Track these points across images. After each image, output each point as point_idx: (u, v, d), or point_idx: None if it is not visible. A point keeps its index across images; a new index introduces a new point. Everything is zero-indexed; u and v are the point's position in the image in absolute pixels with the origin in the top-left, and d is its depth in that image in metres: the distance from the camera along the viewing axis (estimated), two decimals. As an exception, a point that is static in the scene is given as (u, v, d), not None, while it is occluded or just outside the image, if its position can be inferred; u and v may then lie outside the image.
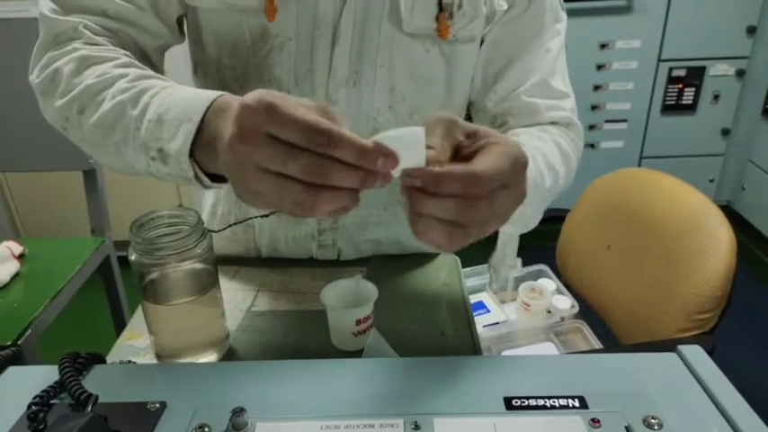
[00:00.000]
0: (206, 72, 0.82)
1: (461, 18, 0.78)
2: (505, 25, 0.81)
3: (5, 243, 1.43)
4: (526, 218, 0.71)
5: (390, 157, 0.47)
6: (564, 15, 0.85)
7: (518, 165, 0.53)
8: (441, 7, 0.76)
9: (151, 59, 0.78)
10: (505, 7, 0.80)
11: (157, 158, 0.59)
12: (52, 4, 0.70)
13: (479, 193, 0.49)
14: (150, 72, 0.67)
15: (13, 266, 1.40)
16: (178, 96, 0.59)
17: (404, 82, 0.81)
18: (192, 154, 0.57)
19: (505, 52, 0.83)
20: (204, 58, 0.80)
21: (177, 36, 0.80)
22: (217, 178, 0.59)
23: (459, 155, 0.54)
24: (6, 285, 1.35)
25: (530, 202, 0.62)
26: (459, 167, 0.49)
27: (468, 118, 0.89)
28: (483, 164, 0.50)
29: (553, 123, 0.83)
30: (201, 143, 0.56)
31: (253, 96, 0.47)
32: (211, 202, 1.00)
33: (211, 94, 0.57)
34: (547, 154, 0.72)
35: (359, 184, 0.47)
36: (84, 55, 0.67)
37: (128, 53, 0.70)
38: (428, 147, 0.51)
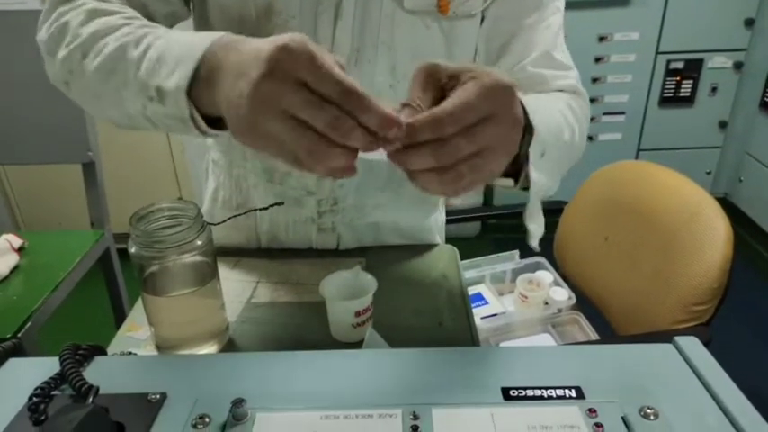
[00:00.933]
0: None
1: None
2: (505, 2, 0.82)
3: (5, 236, 1.43)
4: (550, 174, 0.68)
5: (401, 128, 0.48)
6: None
7: (497, 92, 0.51)
8: None
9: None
10: None
11: (155, 98, 0.58)
12: None
13: (450, 132, 0.49)
14: (154, 23, 0.66)
15: (13, 259, 1.40)
16: (181, 37, 0.59)
17: (405, 60, 0.82)
18: (190, 96, 0.56)
19: (506, 28, 0.83)
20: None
21: (184, 8, 0.80)
22: (213, 125, 0.58)
23: (445, 98, 0.52)
24: (6, 278, 1.36)
25: (553, 153, 0.63)
26: (423, 114, 0.49)
27: None
28: (448, 103, 0.49)
29: (560, 91, 0.83)
30: (201, 77, 0.55)
31: (293, 39, 0.47)
32: (213, 187, 1.00)
33: (211, 34, 0.56)
34: (561, 109, 0.72)
35: (370, 148, 0.48)
36: (92, 8, 0.66)
37: (137, 14, 0.69)
38: (407, 105, 0.51)
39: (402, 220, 1.01)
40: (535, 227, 0.70)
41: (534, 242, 0.71)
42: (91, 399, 0.55)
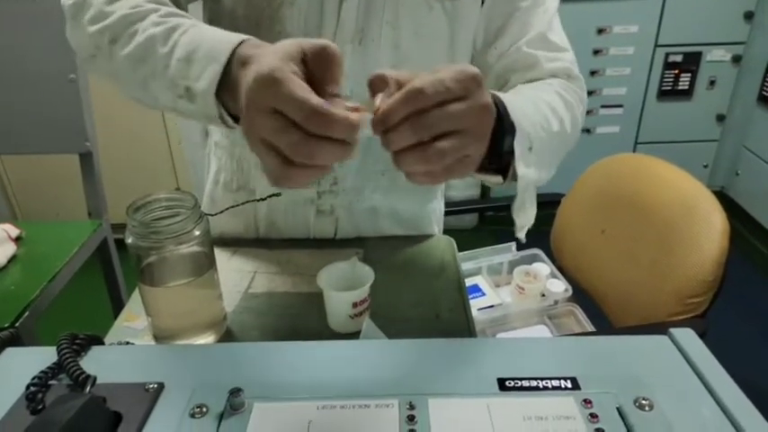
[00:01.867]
0: (221, 26, 0.83)
1: None
2: None
3: (2, 226, 1.43)
4: (541, 165, 0.70)
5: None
6: None
7: (465, 76, 0.52)
8: None
9: (181, 6, 0.79)
10: None
11: (185, 96, 0.61)
12: None
13: (425, 103, 0.50)
14: (180, 11, 0.69)
15: (10, 249, 1.40)
16: (206, 36, 0.61)
17: (408, 40, 0.83)
18: (217, 94, 0.59)
19: (504, 10, 0.85)
20: (219, 8, 0.82)
21: None
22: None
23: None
24: (3, 268, 1.35)
25: (539, 144, 0.66)
26: (397, 95, 0.51)
27: None
28: (422, 80, 0.51)
29: (554, 77, 0.84)
30: (226, 86, 0.58)
31: (262, 70, 0.49)
32: (215, 169, 1.02)
33: (236, 38, 0.58)
34: (549, 101, 0.74)
35: (338, 160, 0.51)
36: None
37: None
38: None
39: (400, 206, 1.01)
40: (524, 219, 0.71)
41: (521, 234, 0.73)
42: (88, 388, 0.56)
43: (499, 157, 0.63)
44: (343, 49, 0.81)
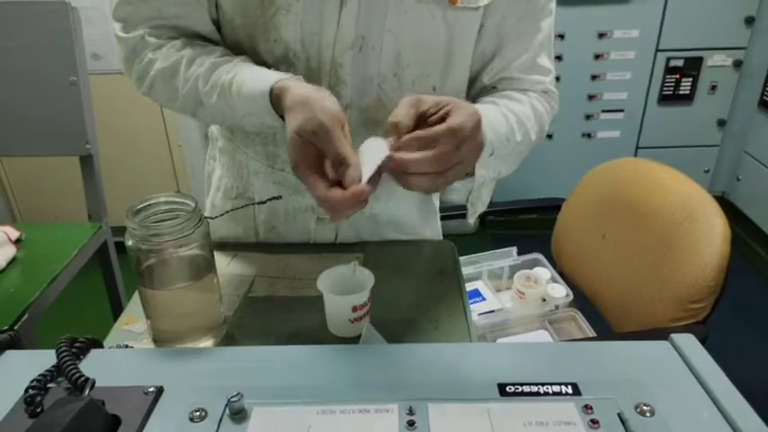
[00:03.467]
0: (223, 34, 0.86)
1: None
2: (508, 7, 0.84)
3: (2, 228, 1.43)
4: (499, 165, 0.82)
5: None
6: None
7: (475, 122, 0.67)
8: None
9: (205, 36, 0.86)
10: None
11: (270, 129, 0.80)
12: (120, 24, 0.83)
13: (456, 143, 0.65)
14: (207, 61, 0.79)
15: (10, 251, 1.39)
16: (248, 95, 0.75)
17: (408, 48, 0.82)
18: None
19: (502, 31, 0.87)
20: (223, 18, 0.84)
21: (214, 11, 0.86)
22: None
23: (425, 123, 0.67)
24: (3, 270, 1.35)
25: (502, 151, 0.79)
26: (438, 126, 0.65)
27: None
28: (456, 120, 0.66)
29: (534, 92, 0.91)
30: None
31: (314, 121, 0.64)
32: (218, 174, 1.01)
33: (264, 94, 0.73)
34: (519, 114, 0.83)
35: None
36: (160, 68, 0.81)
37: (185, 40, 0.83)
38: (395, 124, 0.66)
39: (400, 212, 1.01)
40: (478, 206, 0.87)
41: (471, 219, 0.89)
42: (87, 391, 0.55)
43: None
44: (342, 55, 0.81)
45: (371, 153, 0.66)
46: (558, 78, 0.95)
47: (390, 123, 0.66)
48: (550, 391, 0.57)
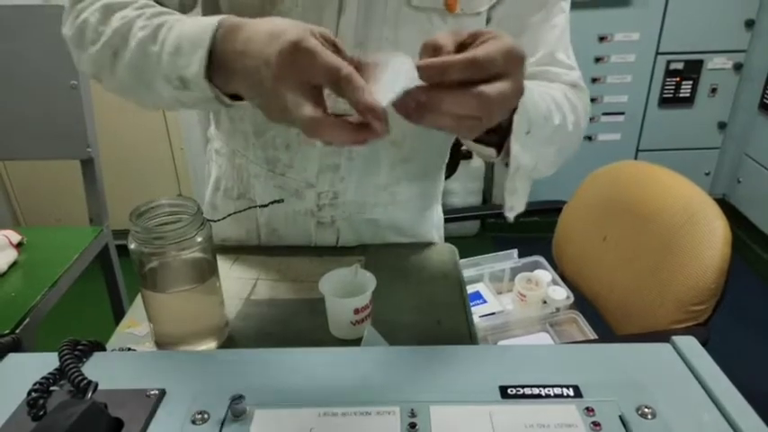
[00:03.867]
0: None
1: None
2: (512, 2, 0.82)
3: (3, 232, 1.43)
4: (537, 149, 0.72)
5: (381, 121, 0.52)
6: None
7: (513, 55, 0.55)
8: None
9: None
10: None
11: (180, 86, 0.63)
12: None
13: (480, 76, 0.53)
14: (164, 9, 0.70)
15: (11, 255, 1.40)
16: (188, 25, 0.63)
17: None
18: (212, 78, 0.60)
19: (511, 28, 0.83)
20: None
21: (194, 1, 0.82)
22: (236, 96, 0.63)
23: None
24: (4, 274, 1.35)
25: (539, 132, 0.68)
26: (458, 56, 0.53)
27: None
28: (481, 50, 0.54)
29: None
30: (216, 66, 0.60)
31: (286, 43, 0.53)
32: (215, 176, 1.01)
33: (214, 18, 0.60)
34: (555, 96, 0.75)
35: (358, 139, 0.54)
36: (105, 3, 0.70)
37: (147, 1, 0.73)
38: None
39: (401, 216, 1.01)
40: (515, 201, 0.72)
41: (510, 214, 0.74)
42: (90, 394, 0.55)
43: (500, 138, 0.67)
44: None
45: (394, 72, 0.54)
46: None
47: (426, 45, 0.56)
48: (552, 394, 0.57)
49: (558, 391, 0.57)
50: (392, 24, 0.79)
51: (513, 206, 0.73)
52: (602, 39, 2.61)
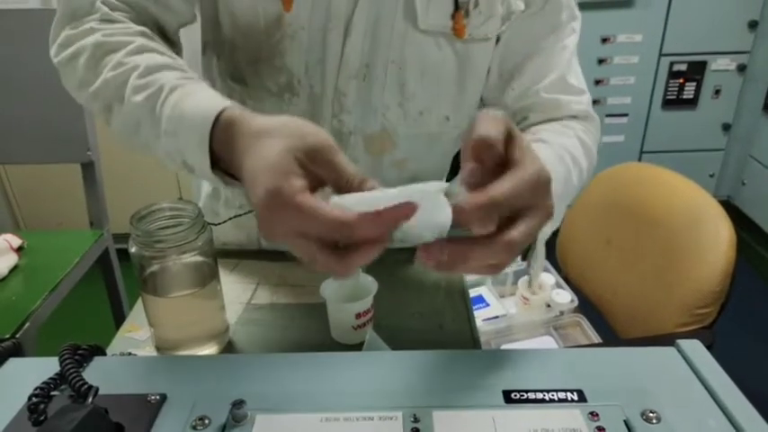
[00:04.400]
0: (219, 53, 0.82)
1: (477, 16, 0.77)
2: (521, 22, 0.80)
3: (4, 236, 1.43)
4: (557, 215, 0.69)
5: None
6: (578, 14, 0.84)
7: (540, 186, 0.51)
8: (457, 5, 0.75)
9: (170, 38, 0.77)
10: (522, 7, 0.78)
11: (186, 168, 0.60)
12: None
13: (507, 214, 0.50)
14: (161, 59, 0.65)
15: (12, 259, 1.40)
16: (186, 108, 0.58)
17: (414, 79, 0.80)
18: (216, 163, 0.57)
19: (521, 49, 0.82)
20: (218, 38, 0.80)
21: (194, 16, 0.80)
22: None
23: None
24: (5, 278, 1.36)
25: (561, 199, 0.65)
26: (486, 199, 0.48)
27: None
28: (507, 187, 0.49)
29: (572, 117, 0.83)
30: (217, 157, 0.57)
31: (262, 195, 0.47)
32: (213, 186, 1.00)
33: (212, 109, 0.56)
34: (573, 151, 0.74)
35: (373, 256, 0.49)
36: (98, 41, 0.66)
37: (145, 31, 0.69)
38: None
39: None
40: (537, 265, 0.70)
41: (535, 282, 0.70)
42: (90, 399, 0.55)
43: None
44: (347, 84, 0.79)
45: (426, 213, 0.48)
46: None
47: (478, 143, 0.50)
48: (556, 398, 0.56)
49: (562, 395, 0.57)
50: (398, 47, 0.78)
51: (537, 273, 0.70)
52: (604, 40, 2.61)
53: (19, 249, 1.45)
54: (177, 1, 0.74)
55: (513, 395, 0.57)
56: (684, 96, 2.72)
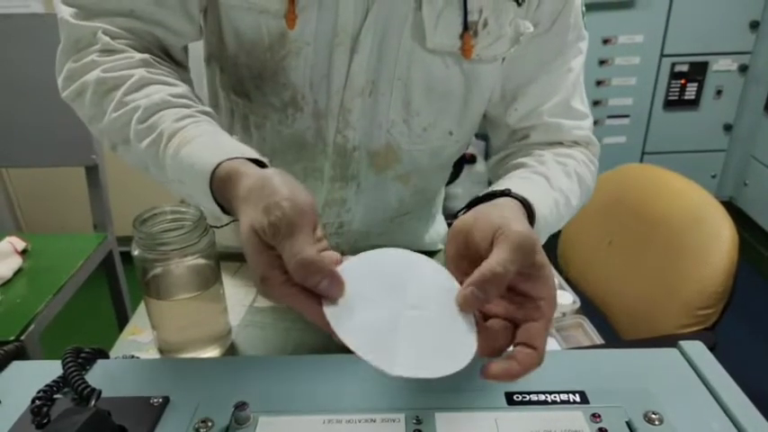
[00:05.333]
0: (222, 66, 0.81)
1: (486, 37, 0.76)
2: (528, 42, 0.79)
3: (8, 239, 1.44)
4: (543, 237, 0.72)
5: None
6: (586, 34, 0.83)
7: (527, 255, 0.51)
8: (466, 26, 0.75)
9: (174, 58, 0.77)
10: (531, 29, 0.78)
11: (195, 204, 0.63)
12: (73, 9, 0.69)
13: (496, 291, 0.50)
14: (157, 97, 0.65)
15: (16, 262, 1.40)
16: (185, 160, 0.59)
17: (420, 97, 0.79)
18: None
19: (526, 69, 0.82)
20: (222, 53, 0.79)
21: (199, 33, 0.79)
22: None
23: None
24: (9, 281, 1.36)
25: (543, 233, 0.67)
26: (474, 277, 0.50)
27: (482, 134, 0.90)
28: (491, 265, 0.50)
29: (574, 142, 0.84)
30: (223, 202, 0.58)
31: (257, 280, 0.51)
32: None
33: (208, 165, 0.57)
34: (569, 195, 0.75)
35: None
36: (99, 78, 0.67)
37: (146, 59, 0.69)
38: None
39: (405, 239, 1.00)
40: None
41: None
42: (93, 402, 0.55)
43: None
44: (352, 101, 0.78)
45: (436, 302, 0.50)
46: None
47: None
48: (558, 400, 0.56)
49: (564, 397, 0.57)
50: (405, 65, 0.77)
51: None
52: (606, 41, 2.61)
53: (23, 252, 1.45)
54: (180, 22, 0.74)
55: (515, 397, 0.57)
56: (686, 97, 2.72)
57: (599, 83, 2.68)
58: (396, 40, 0.75)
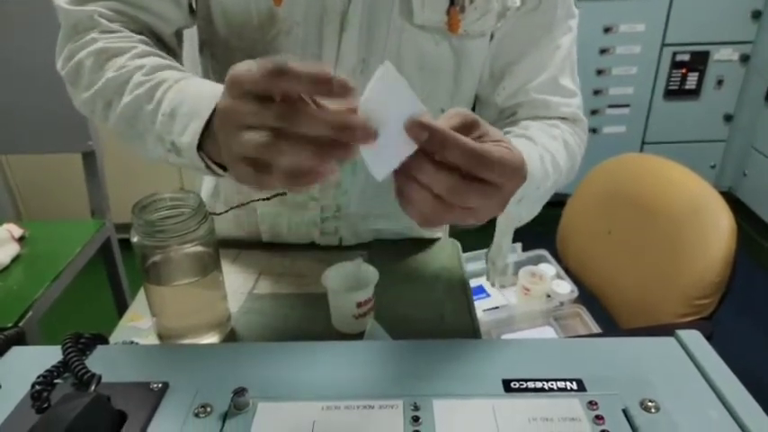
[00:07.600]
0: (214, 53, 0.82)
1: (473, 12, 0.76)
2: (516, 20, 0.80)
3: (5, 226, 1.43)
4: (522, 215, 0.72)
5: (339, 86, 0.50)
6: (576, 11, 0.83)
7: (517, 174, 0.54)
8: (452, 1, 0.75)
9: (166, 43, 0.78)
10: (518, 4, 0.78)
11: (172, 150, 0.62)
12: None
13: (476, 174, 0.50)
14: (165, 61, 0.68)
15: (13, 249, 1.40)
16: (189, 92, 0.61)
17: (412, 73, 0.80)
18: (203, 146, 0.59)
19: (515, 47, 0.82)
20: (214, 38, 0.80)
21: (189, 19, 0.80)
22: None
23: None
24: (7, 268, 1.36)
25: (531, 199, 0.66)
26: (469, 140, 0.49)
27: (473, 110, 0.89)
28: (495, 150, 0.51)
29: (561, 118, 0.83)
30: (210, 135, 0.58)
31: (219, 110, 0.53)
32: (213, 184, 1.00)
33: (218, 91, 0.56)
34: (555, 154, 0.73)
35: (326, 129, 0.49)
36: (101, 48, 0.69)
37: (144, 38, 0.72)
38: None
39: (405, 228, 1.00)
40: (499, 262, 0.73)
41: (495, 279, 0.70)
42: (93, 387, 0.56)
43: None
44: None
45: (395, 118, 0.49)
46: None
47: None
48: (555, 387, 0.57)
49: (561, 384, 0.57)
50: (395, 43, 0.77)
51: (498, 269, 0.76)
52: (607, 30, 2.60)
53: (21, 239, 1.45)
54: (166, 7, 0.75)
55: (512, 384, 0.57)
56: (687, 87, 2.71)
57: (599, 72, 2.67)
58: (384, 17, 0.76)
